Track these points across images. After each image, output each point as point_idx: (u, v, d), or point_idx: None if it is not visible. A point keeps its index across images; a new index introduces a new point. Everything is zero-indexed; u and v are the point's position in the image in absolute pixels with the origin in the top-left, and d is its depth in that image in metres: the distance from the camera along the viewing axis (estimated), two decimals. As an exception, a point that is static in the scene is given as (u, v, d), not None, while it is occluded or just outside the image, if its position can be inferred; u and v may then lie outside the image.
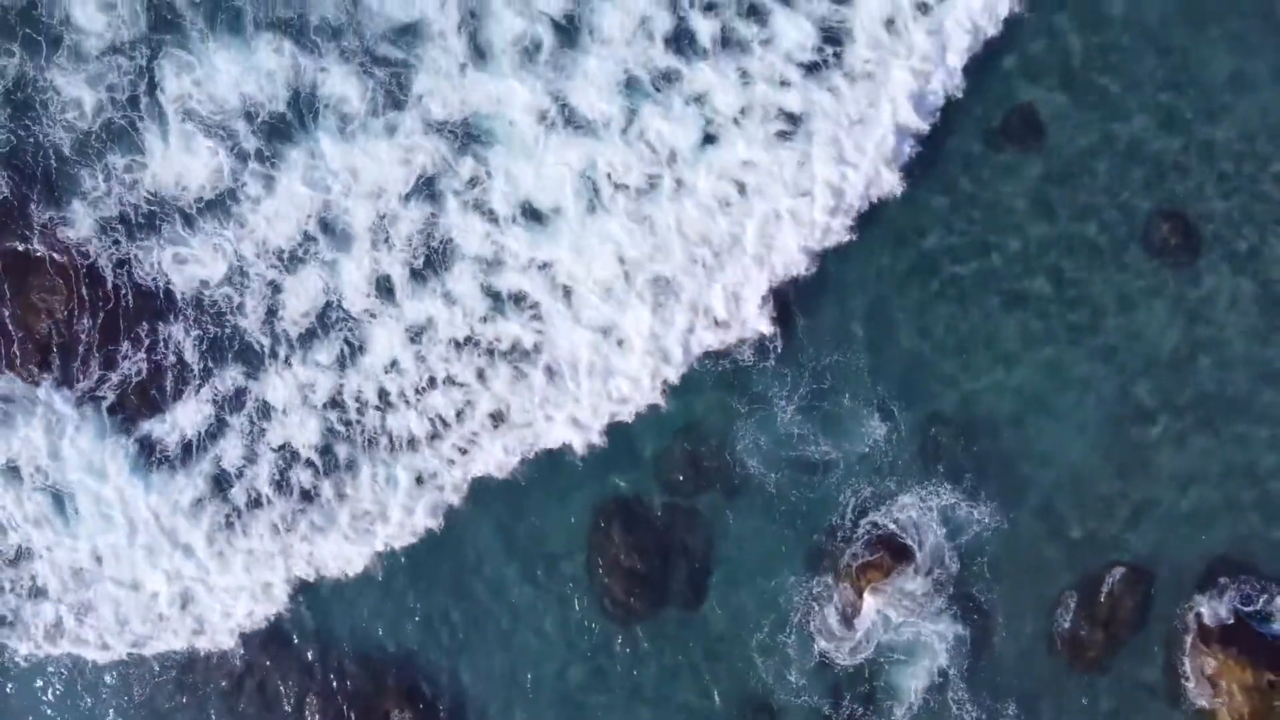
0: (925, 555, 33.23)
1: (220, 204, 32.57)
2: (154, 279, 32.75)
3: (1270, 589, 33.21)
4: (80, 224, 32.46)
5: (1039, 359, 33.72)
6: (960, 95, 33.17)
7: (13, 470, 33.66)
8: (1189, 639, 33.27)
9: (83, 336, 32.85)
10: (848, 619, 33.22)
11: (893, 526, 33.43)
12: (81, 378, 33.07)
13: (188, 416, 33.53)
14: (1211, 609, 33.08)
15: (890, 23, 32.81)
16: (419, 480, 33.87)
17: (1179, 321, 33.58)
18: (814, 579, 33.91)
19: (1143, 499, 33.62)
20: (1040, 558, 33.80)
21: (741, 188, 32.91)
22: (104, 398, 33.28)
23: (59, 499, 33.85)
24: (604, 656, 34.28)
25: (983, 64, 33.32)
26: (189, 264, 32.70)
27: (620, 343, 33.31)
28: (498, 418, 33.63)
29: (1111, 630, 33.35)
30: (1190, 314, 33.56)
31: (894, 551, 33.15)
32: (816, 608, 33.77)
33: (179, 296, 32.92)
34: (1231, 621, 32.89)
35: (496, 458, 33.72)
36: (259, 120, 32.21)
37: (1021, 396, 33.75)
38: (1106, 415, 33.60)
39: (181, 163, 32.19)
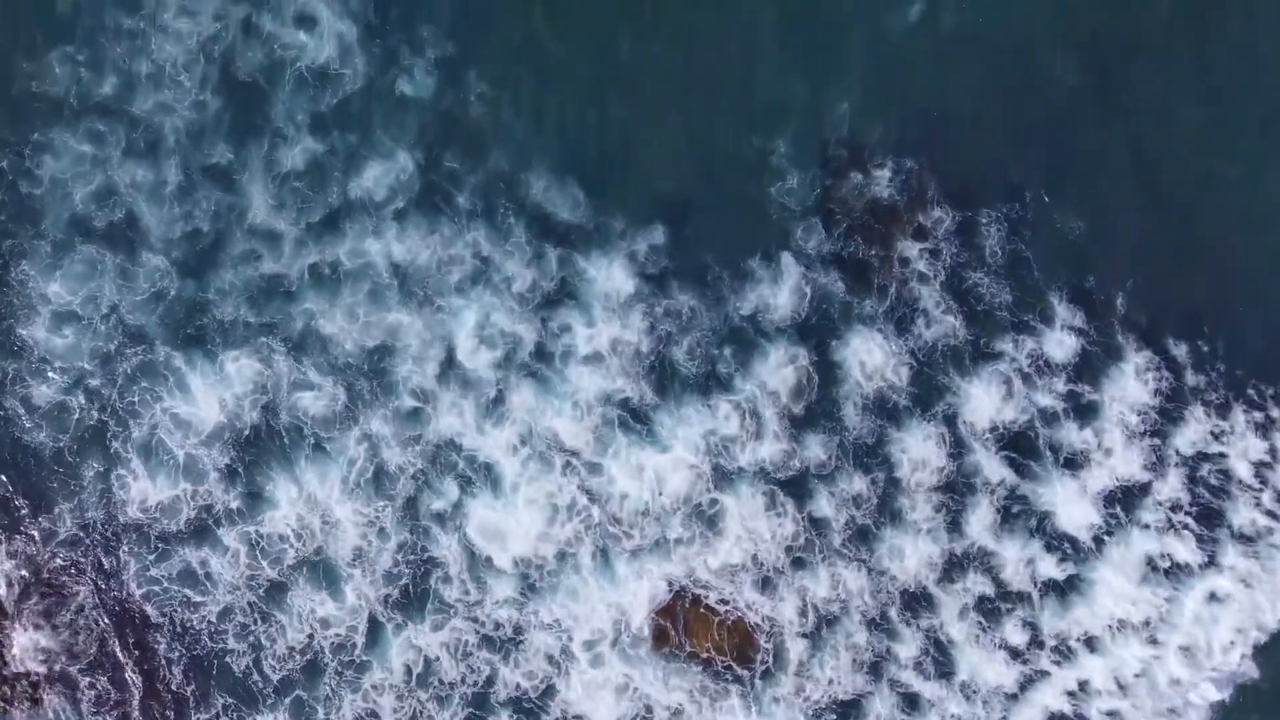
0: None
1: (201, 529, 32.38)
2: (133, 602, 32.44)
3: None
4: (65, 538, 32.23)
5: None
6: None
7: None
8: None
9: (75, 664, 32.48)
10: None
11: None
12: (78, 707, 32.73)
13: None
14: None
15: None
16: None
17: None
18: None
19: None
20: None
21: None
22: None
23: None
24: None
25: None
26: (170, 586, 32.44)
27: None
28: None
29: None
30: None
31: None
32: None
33: (162, 621, 32.52)
34: None
35: None
36: (234, 442, 32.18)
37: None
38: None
39: (157, 486, 32.11)
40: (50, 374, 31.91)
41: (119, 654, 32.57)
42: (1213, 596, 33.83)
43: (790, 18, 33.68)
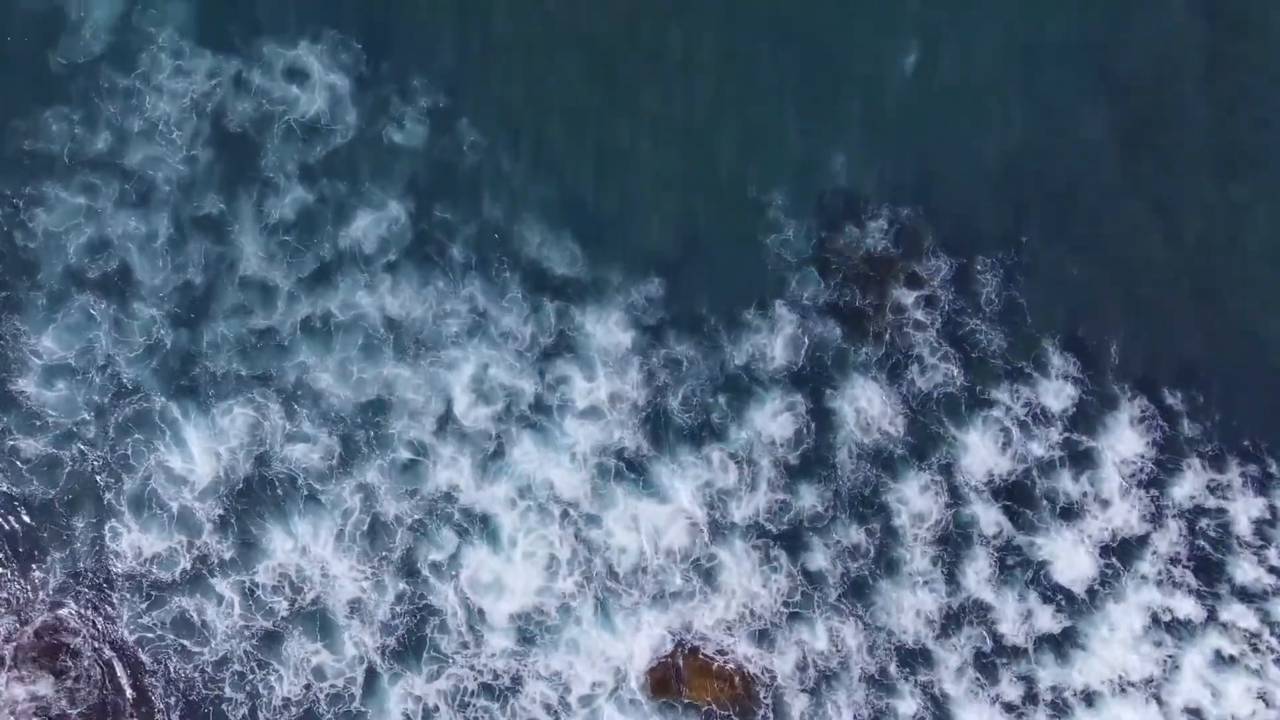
0: None
1: (196, 578, 32.15)
2: (129, 650, 32.15)
3: None
4: (57, 587, 31.96)
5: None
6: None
7: None
8: None
9: (74, 709, 32.12)
10: None
11: None
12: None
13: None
14: None
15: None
16: None
17: None
18: None
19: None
20: None
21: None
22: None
23: None
24: None
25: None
26: (165, 634, 32.13)
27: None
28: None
29: None
30: None
31: None
32: None
33: (158, 669, 32.24)
34: None
35: None
36: (228, 493, 31.97)
37: None
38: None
39: (150, 539, 31.88)
40: (43, 427, 31.69)
41: (117, 700, 32.41)
42: (1219, 655, 33.97)
43: (787, 71, 33.97)
